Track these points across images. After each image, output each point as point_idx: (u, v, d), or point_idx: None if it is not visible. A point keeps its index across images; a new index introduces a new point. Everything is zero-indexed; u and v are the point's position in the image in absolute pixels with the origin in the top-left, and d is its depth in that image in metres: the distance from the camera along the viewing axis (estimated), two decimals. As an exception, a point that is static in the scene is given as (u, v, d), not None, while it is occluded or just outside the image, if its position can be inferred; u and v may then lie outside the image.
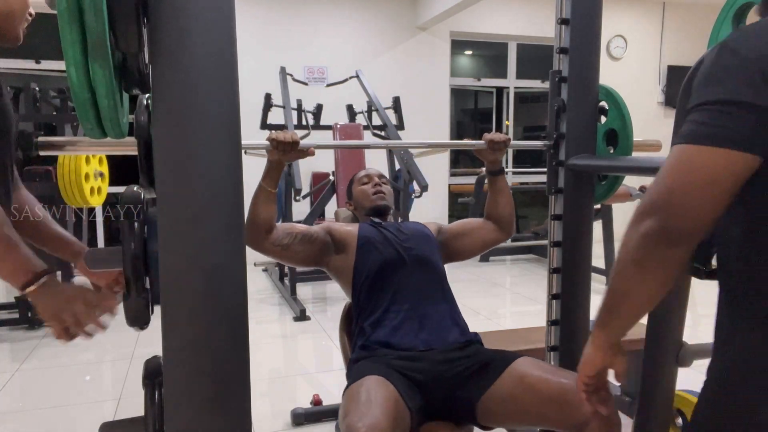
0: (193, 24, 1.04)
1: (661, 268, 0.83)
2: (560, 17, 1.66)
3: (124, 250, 1.18)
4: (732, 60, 0.79)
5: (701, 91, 0.82)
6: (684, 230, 0.80)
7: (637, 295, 0.87)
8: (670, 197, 0.80)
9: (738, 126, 0.76)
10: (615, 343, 0.96)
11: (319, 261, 1.76)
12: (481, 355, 1.54)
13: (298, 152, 1.58)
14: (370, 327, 1.62)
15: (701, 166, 0.78)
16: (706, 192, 0.78)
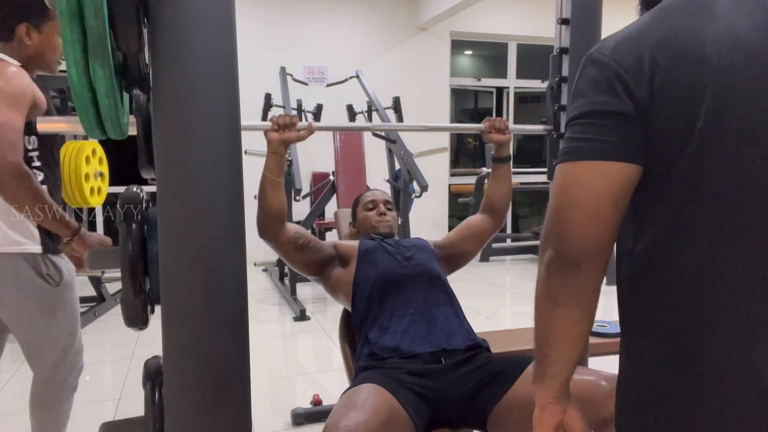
0: (193, 24, 1.04)
1: (573, 296, 0.80)
2: (560, 17, 1.66)
3: (122, 251, 1.18)
4: (592, 71, 0.77)
5: (570, 107, 0.81)
6: (579, 251, 0.76)
7: (559, 332, 0.84)
8: (558, 221, 0.78)
9: (607, 137, 0.74)
10: (560, 396, 0.88)
11: (322, 270, 1.77)
12: (492, 364, 1.52)
13: (297, 131, 1.57)
14: (376, 334, 1.60)
15: (578, 183, 0.76)
16: (589, 208, 0.75)
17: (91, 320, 3.93)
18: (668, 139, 0.74)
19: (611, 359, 2.10)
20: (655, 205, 0.76)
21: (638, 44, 0.75)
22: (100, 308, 4.07)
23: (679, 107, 0.73)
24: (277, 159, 1.57)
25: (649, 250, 0.78)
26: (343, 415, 1.25)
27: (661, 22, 0.76)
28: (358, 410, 1.27)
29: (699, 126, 0.72)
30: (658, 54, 0.73)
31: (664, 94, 0.73)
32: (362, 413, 1.26)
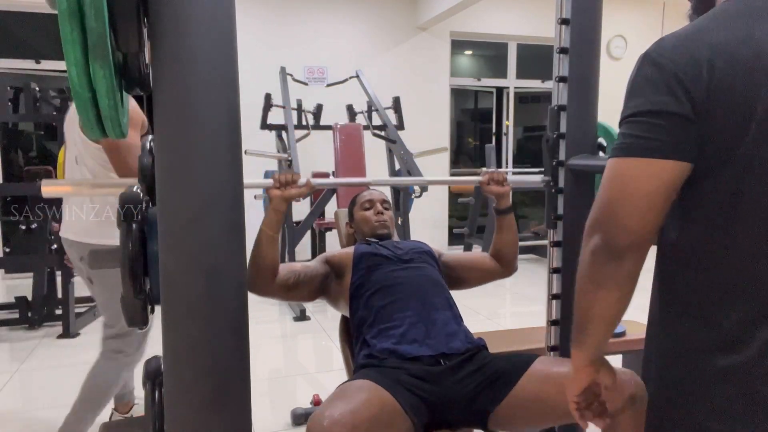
0: (193, 24, 1.04)
1: (613, 282, 0.85)
2: (560, 17, 1.66)
3: (122, 251, 1.18)
4: (650, 71, 0.82)
5: (626, 105, 0.84)
6: (626, 243, 0.82)
7: (599, 311, 0.89)
8: (608, 213, 0.83)
9: (662, 135, 0.79)
10: (594, 360, 0.96)
11: (321, 292, 1.77)
12: (492, 364, 1.51)
13: (299, 188, 1.58)
14: (374, 338, 1.59)
15: (632, 179, 0.81)
16: (640, 203, 0.80)
17: (91, 320, 3.93)
18: (722, 138, 0.77)
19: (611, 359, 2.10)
20: (704, 200, 0.81)
21: (696, 46, 0.79)
22: (100, 308, 4.07)
23: (735, 108, 0.76)
24: (278, 215, 1.58)
25: (695, 243, 0.83)
26: (328, 406, 1.26)
27: (717, 25, 0.80)
28: (347, 401, 1.28)
29: (753, 126, 0.76)
30: (715, 57, 0.77)
31: (720, 96, 0.76)
32: (350, 404, 1.26)
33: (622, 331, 2.07)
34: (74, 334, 3.65)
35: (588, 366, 0.96)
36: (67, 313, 3.62)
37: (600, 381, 0.98)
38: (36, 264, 3.96)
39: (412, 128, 5.22)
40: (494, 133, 7.31)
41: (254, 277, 1.58)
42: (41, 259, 3.96)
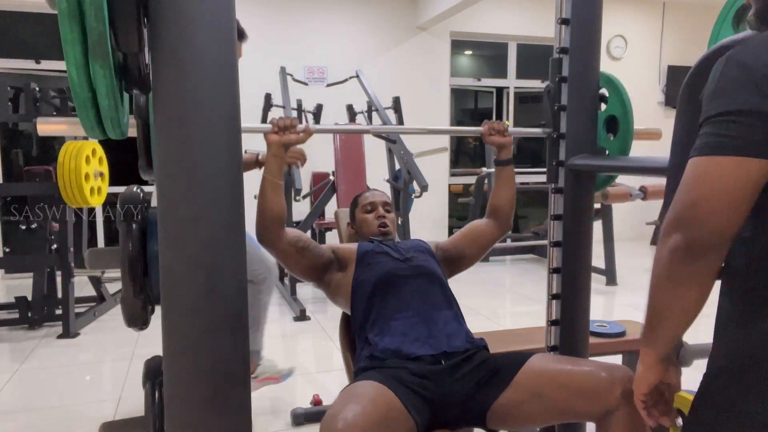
0: (194, 24, 1.04)
1: (694, 281, 0.85)
2: (560, 17, 1.66)
3: (122, 251, 1.18)
4: (738, 72, 0.82)
5: (711, 104, 0.84)
6: (709, 242, 0.82)
7: (675, 309, 0.89)
8: (692, 211, 0.83)
9: (749, 134, 0.79)
10: (663, 358, 0.97)
11: (322, 275, 1.76)
12: (490, 362, 1.52)
13: (297, 134, 1.57)
14: (376, 336, 1.59)
15: (718, 177, 0.81)
16: (725, 201, 0.80)
17: (91, 320, 3.93)
18: None
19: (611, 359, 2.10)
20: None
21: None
22: (100, 308, 4.07)
23: None
24: (278, 161, 1.58)
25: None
26: (341, 408, 1.24)
27: None
28: (356, 403, 1.26)
29: None
30: None
31: None
32: (360, 406, 1.25)
33: (622, 330, 2.07)
34: (74, 334, 3.64)
35: (658, 364, 0.97)
36: (67, 313, 3.62)
37: (668, 380, 1.00)
38: (36, 264, 3.96)
39: (412, 128, 5.22)
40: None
41: (262, 226, 1.58)
42: (41, 259, 3.96)
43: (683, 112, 1.26)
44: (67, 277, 3.61)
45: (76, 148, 3.35)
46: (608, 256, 4.92)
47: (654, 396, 1.02)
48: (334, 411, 1.23)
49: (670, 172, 1.30)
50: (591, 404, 1.32)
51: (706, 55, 1.21)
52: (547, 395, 1.38)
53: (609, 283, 4.92)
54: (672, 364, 0.99)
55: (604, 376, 1.33)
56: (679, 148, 1.28)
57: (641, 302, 1.02)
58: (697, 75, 1.21)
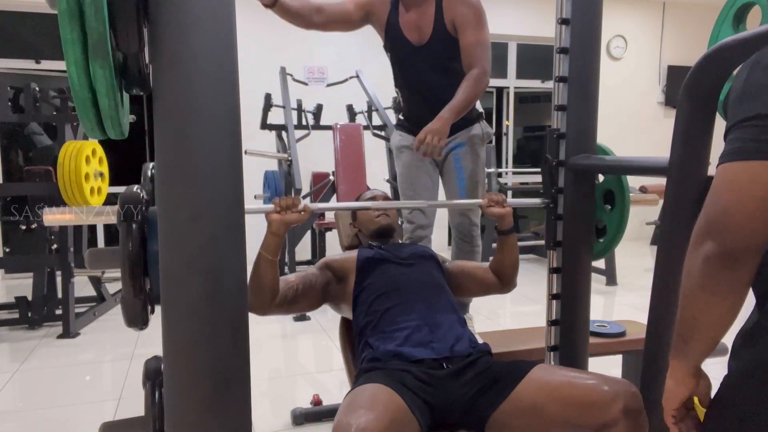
0: (193, 24, 1.04)
1: (729, 289, 0.83)
2: (560, 17, 1.66)
3: (122, 251, 1.18)
4: (764, 76, 0.80)
5: (737, 109, 0.83)
6: (744, 249, 0.80)
7: (709, 320, 0.87)
8: (725, 217, 0.81)
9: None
10: (694, 372, 0.94)
11: (324, 299, 1.76)
12: (493, 369, 1.51)
13: (299, 213, 1.57)
14: (378, 341, 1.58)
15: (750, 182, 0.79)
16: (758, 207, 0.78)
17: (91, 320, 3.93)
18: None
19: (611, 359, 2.11)
20: None
21: None
22: (100, 308, 4.07)
23: None
24: (276, 240, 1.56)
25: None
26: (351, 414, 1.23)
27: None
28: (367, 408, 1.25)
29: None
30: None
31: None
32: (371, 411, 1.24)
33: (622, 331, 2.07)
34: (74, 334, 3.64)
35: (690, 377, 0.94)
36: (67, 313, 3.62)
37: (699, 393, 0.96)
38: (36, 264, 3.96)
39: (412, 128, 5.22)
40: (494, 133, 7.31)
41: (254, 300, 1.57)
42: (41, 259, 3.96)
43: (683, 111, 1.26)
44: (67, 277, 3.61)
45: (76, 148, 3.35)
46: (608, 256, 4.92)
47: (684, 410, 0.98)
48: (345, 417, 1.22)
49: (670, 172, 1.31)
50: (590, 418, 1.32)
51: (706, 55, 1.21)
52: (547, 408, 1.38)
53: (609, 283, 4.92)
54: (703, 378, 0.96)
55: (606, 390, 1.32)
56: (679, 147, 1.28)
57: (641, 302, 1.02)
58: (697, 75, 1.21)
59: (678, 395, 0.96)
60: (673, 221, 1.29)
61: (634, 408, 1.29)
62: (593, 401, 1.31)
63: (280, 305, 1.64)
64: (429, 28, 2.22)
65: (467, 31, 2.20)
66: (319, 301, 1.75)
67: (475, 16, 2.25)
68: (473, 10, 2.24)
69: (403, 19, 2.27)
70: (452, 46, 2.24)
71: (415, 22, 2.25)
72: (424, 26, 2.23)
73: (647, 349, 1.37)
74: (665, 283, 1.31)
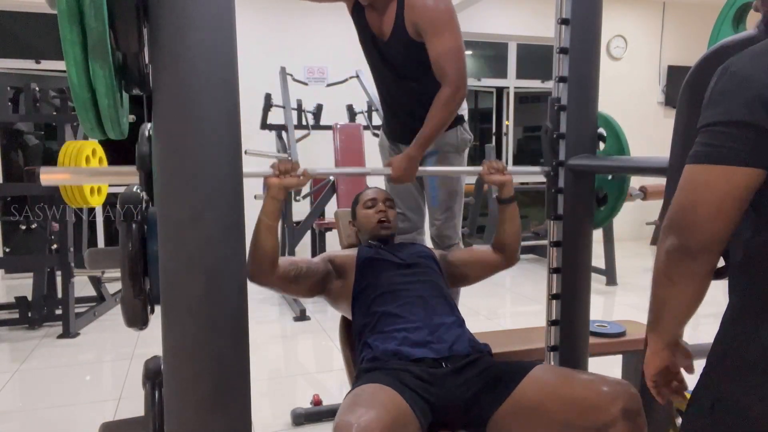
0: (193, 24, 1.04)
1: (689, 280, 0.90)
2: (560, 17, 1.66)
3: (122, 251, 1.18)
4: (730, 83, 0.85)
5: (704, 114, 0.88)
6: (701, 244, 0.86)
7: (674, 303, 0.94)
8: (685, 216, 0.87)
9: (737, 144, 0.82)
10: (669, 343, 1.01)
11: (322, 290, 1.76)
12: (493, 369, 1.51)
13: (297, 177, 1.59)
14: (377, 341, 1.58)
15: (707, 184, 0.85)
16: (714, 207, 0.84)
17: (91, 320, 3.93)
18: None
19: (611, 359, 2.11)
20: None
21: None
22: (100, 308, 4.07)
23: None
24: (275, 204, 1.57)
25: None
26: (352, 413, 1.23)
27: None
28: (368, 407, 1.25)
29: None
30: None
31: None
32: (372, 410, 1.24)
33: (622, 331, 2.07)
34: (74, 334, 3.65)
35: (664, 350, 1.01)
36: (67, 313, 3.62)
37: (677, 364, 1.04)
38: (36, 264, 3.96)
39: (412, 128, 5.22)
40: (494, 133, 7.31)
41: (254, 267, 1.57)
42: (41, 259, 3.96)
43: (683, 111, 1.26)
44: (67, 277, 3.61)
45: (76, 148, 3.35)
46: (608, 256, 4.92)
47: (664, 376, 1.06)
48: (346, 417, 1.22)
49: (670, 172, 1.31)
50: (590, 418, 1.32)
51: (706, 55, 1.21)
52: (547, 409, 1.38)
53: (609, 283, 4.92)
54: (679, 348, 1.03)
55: (606, 390, 1.32)
56: (679, 147, 1.28)
57: (641, 302, 1.03)
58: (697, 75, 1.22)
59: (654, 363, 1.03)
60: (673, 221, 1.28)
61: (633, 409, 1.29)
62: (592, 402, 1.32)
63: (281, 279, 1.64)
64: (389, 27, 2.05)
65: (432, 40, 1.90)
66: (316, 289, 1.74)
67: (439, 22, 1.90)
68: (435, 16, 1.90)
69: (368, 12, 2.16)
70: (414, 51, 1.99)
71: (377, 20, 2.12)
72: (385, 26, 2.08)
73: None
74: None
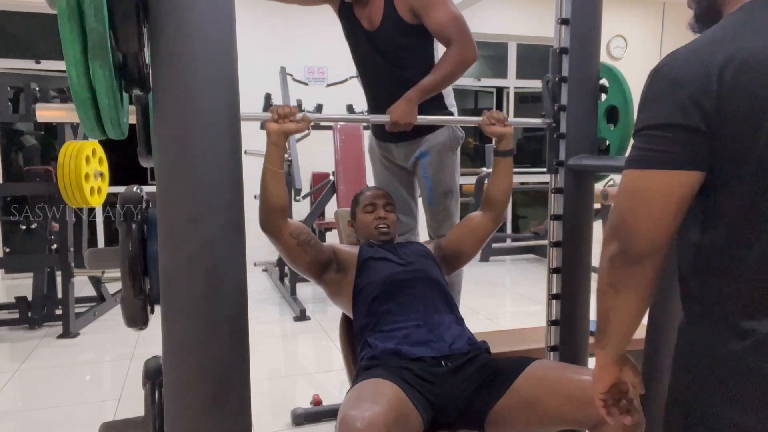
0: (193, 24, 1.04)
1: (632, 286, 0.89)
2: (560, 17, 1.66)
3: (122, 251, 1.18)
4: (662, 85, 0.84)
5: (638, 117, 0.88)
6: (641, 250, 0.86)
7: (619, 313, 0.93)
8: (623, 221, 0.87)
9: (671, 148, 0.81)
10: (616, 359, 0.99)
11: (321, 272, 1.76)
12: (491, 365, 1.51)
13: (296, 122, 1.59)
14: (377, 340, 1.58)
15: (643, 189, 0.85)
16: (651, 212, 0.84)
17: (91, 320, 3.93)
18: (735, 147, 0.79)
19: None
20: (726, 201, 0.82)
21: (706, 59, 0.80)
22: (100, 308, 4.07)
23: (746, 117, 0.78)
24: (278, 150, 1.58)
25: (717, 243, 0.84)
26: (356, 407, 1.22)
27: (727, 37, 0.82)
28: (372, 401, 1.25)
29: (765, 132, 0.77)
30: (725, 68, 0.78)
31: (731, 106, 0.78)
32: (377, 404, 1.23)
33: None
34: (74, 334, 3.64)
35: (611, 365, 1.00)
36: (67, 313, 3.62)
37: (624, 379, 1.02)
38: (36, 264, 3.96)
39: (412, 128, 5.22)
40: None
41: (265, 216, 1.59)
42: (41, 259, 3.96)
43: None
44: (67, 277, 3.61)
45: (76, 148, 3.35)
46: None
47: (614, 395, 1.04)
48: (349, 412, 1.21)
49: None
50: (585, 412, 1.32)
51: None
52: (544, 404, 1.38)
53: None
54: (627, 364, 1.01)
55: None
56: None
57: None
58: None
59: (602, 381, 1.02)
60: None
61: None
62: (590, 397, 1.32)
63: (291, 237, 1.64)
64: (379, 15, 2.03)
65: (430, 14, 1.88)
66: (315, 269, 1.74)
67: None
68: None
69: (356, 5, 2.13)
70: (406, 33, 1.99)
71: (366, 11, 2.10)
72: (374, 14, 2.06)
73: (646, 349, 1.38)
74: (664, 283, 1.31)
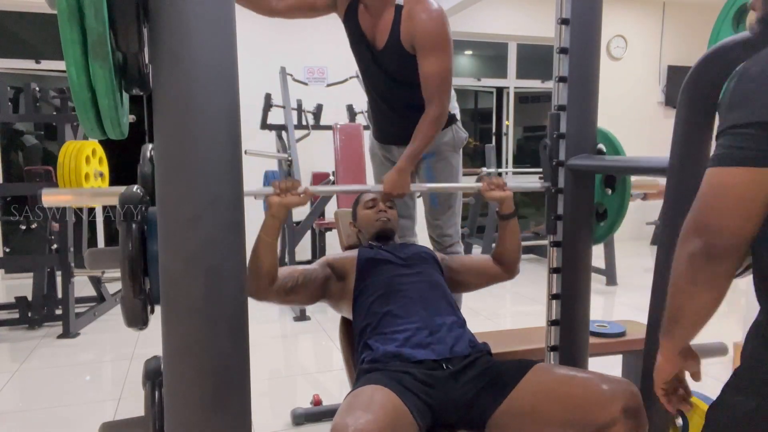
0: (193, 24, 1.04)
1: (711, 284, 0.90)
2: (560, 17, 1.66)
3: (122, 251, 1.18)
4: (751, 85, 0.85)
5: (726, 117, 0.89)
6: (725, 246, 0.87)
7: (693, 309, 0.95)
8: (708, 218, 0.88)
9: (760, 145, 0.83)
10: (682, 350, 1.02)
11: (322, 295, 1.76)
12: (492, 369, 1.51)
13: (298, 195, 1.61)
14: (378, 342, 1.58)
15: (731, 186, 0.86)
16: (738, 210, 0.86)
17: (91, 320, 3.93)
18: None
19: (611, 359, 2.11)
20: None
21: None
22: (100, 308, 4.07)
23: None
24: (276, 222, 1.59)
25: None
26: (350, 415, 1.23)
27: None
28: (365, 410, 1.25)
29: None
30: None
31: None
32: (370, 413, 1.24)
33: (622, 331, 2.07)
34: (74, 334, 3.65)
35: (677, 356, 1.02)
36: (67, 313, 3.62)
37: (687, 369, 1.05)
38: (36, 264, 3.96)
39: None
40: (494, 133, 7.31)
41: (252, 283, 1.58)
42: (41, 259, 3.96)
43: (683, 112, 1.26)
44: (67, 277, 3.61)
45: (76, 148, 3.35)
46: (608, 256, 4.92)
47: (674, 384, 1.07)
48: (343, 419, 1.22)
49: (670, 172, 1.31)
50: (590, 417, 1.31)
51: (706, 55, 1.21)
52: (547, 408, 1.38)
53: (609, 283, 4.92)
54: (690, 356, 1.04)
55: (605, 389, 1.32)
56: (679, 148, 1.28)
57: (641, 302, 1.03)
58: (697, 75, 1.22)
59: (666, 370, 1.05)
60: (673, 221, 1.28)
61: (633, 407, 1.29)
62: (593, 401, 1.31)
63: (279, 292, 1.64)
64: (384, 36, 2.05)
65: (425, 59, 1.94)
66: (316, 296, 1.75)
67: (435, 43, 1.91)
68: (433, 36, 1.91)
69: (362, 16, 2.12)
70: (407, 62, 2.02)
71: (371, 26, 2.11)
72: (380, 33, 2.07)
73: (647, 349, 1.37)
74: (665, 283, 1.31)
